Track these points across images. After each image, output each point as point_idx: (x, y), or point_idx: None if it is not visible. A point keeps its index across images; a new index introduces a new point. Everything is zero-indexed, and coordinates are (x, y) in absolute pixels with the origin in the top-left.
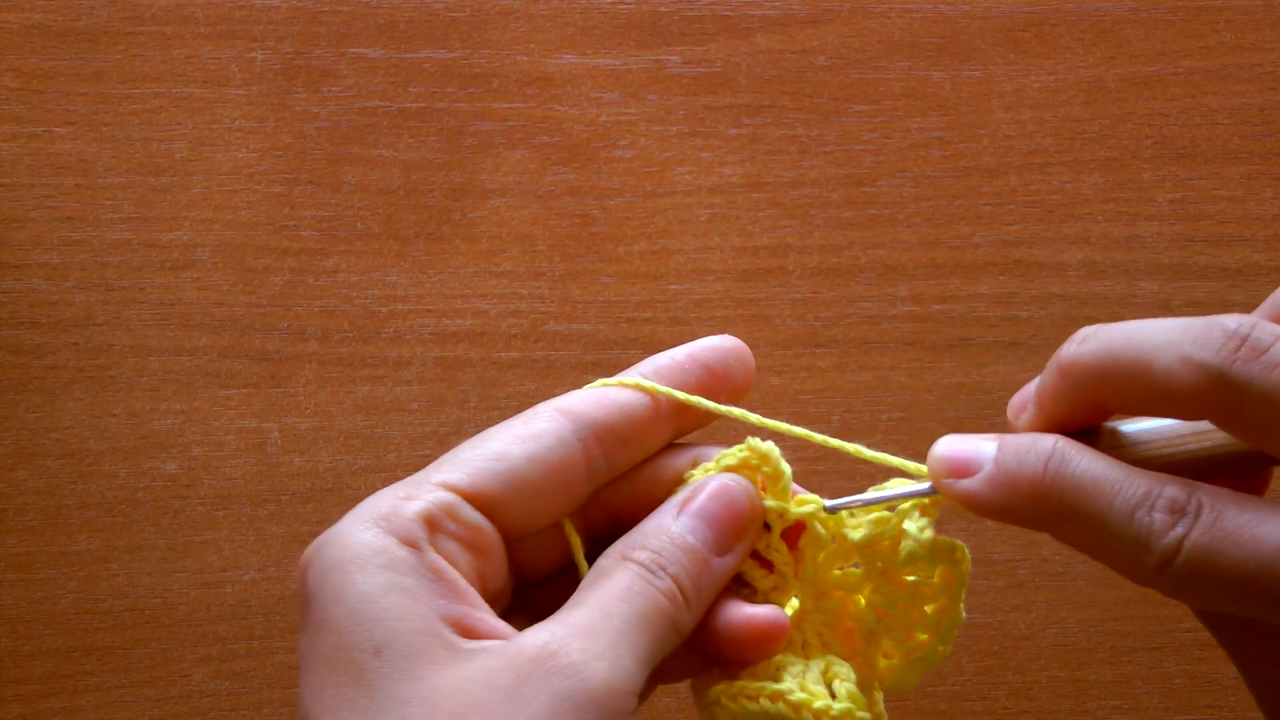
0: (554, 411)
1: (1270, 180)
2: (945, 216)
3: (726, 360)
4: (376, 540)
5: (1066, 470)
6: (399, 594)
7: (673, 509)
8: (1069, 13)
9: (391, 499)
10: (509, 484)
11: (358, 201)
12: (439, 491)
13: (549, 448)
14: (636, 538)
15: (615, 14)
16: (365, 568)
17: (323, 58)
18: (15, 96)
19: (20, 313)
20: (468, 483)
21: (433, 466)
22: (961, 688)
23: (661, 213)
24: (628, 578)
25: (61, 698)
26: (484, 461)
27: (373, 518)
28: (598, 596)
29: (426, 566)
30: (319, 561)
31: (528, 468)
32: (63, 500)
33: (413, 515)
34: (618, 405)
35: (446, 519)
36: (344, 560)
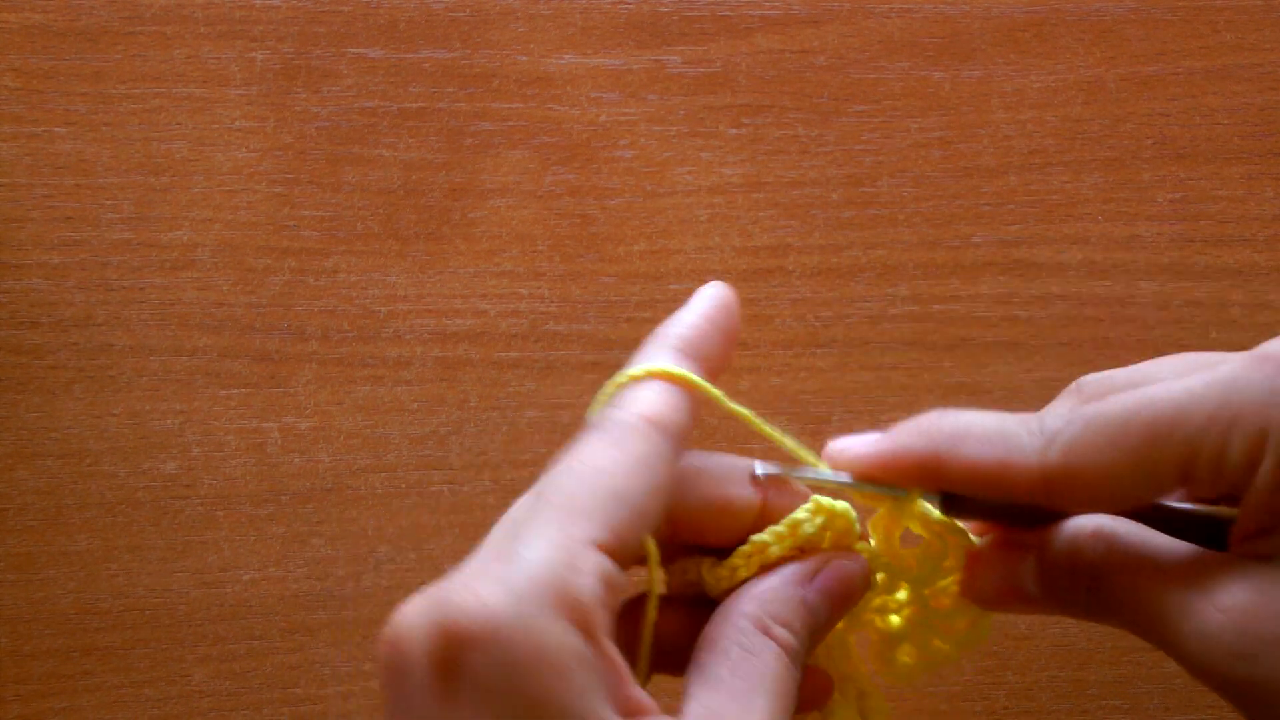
0: (647, 425)
1: (1270, 180)
2: (945, 216)
3: (734, 315)
4: (572, 640)
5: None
6: (589, 699)
7: (803, 580)
8: (1069, 13)
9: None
10: (639, 525)
11: (358, 201)
12: (597, 558)
13: (659, 472)
14: (774, 607)
15: (615, 14)
16: (566, 675)
17: (323, 58)
18: (15, 96)
19: (20, 313)
20: (614, 540)
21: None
22: (961, 688)
23: (661, 213)
24: (779, 670)
25: (61, 698)
26: (614, 506)
27: (554, 602)
28: (763, 700)
29: (604, 661)
30: (500, 655)
31: (647, 502)
32: (63, 500)
33: (592, 599)
34: (688, 405)
35: (609, 593)
36: (541, 662)
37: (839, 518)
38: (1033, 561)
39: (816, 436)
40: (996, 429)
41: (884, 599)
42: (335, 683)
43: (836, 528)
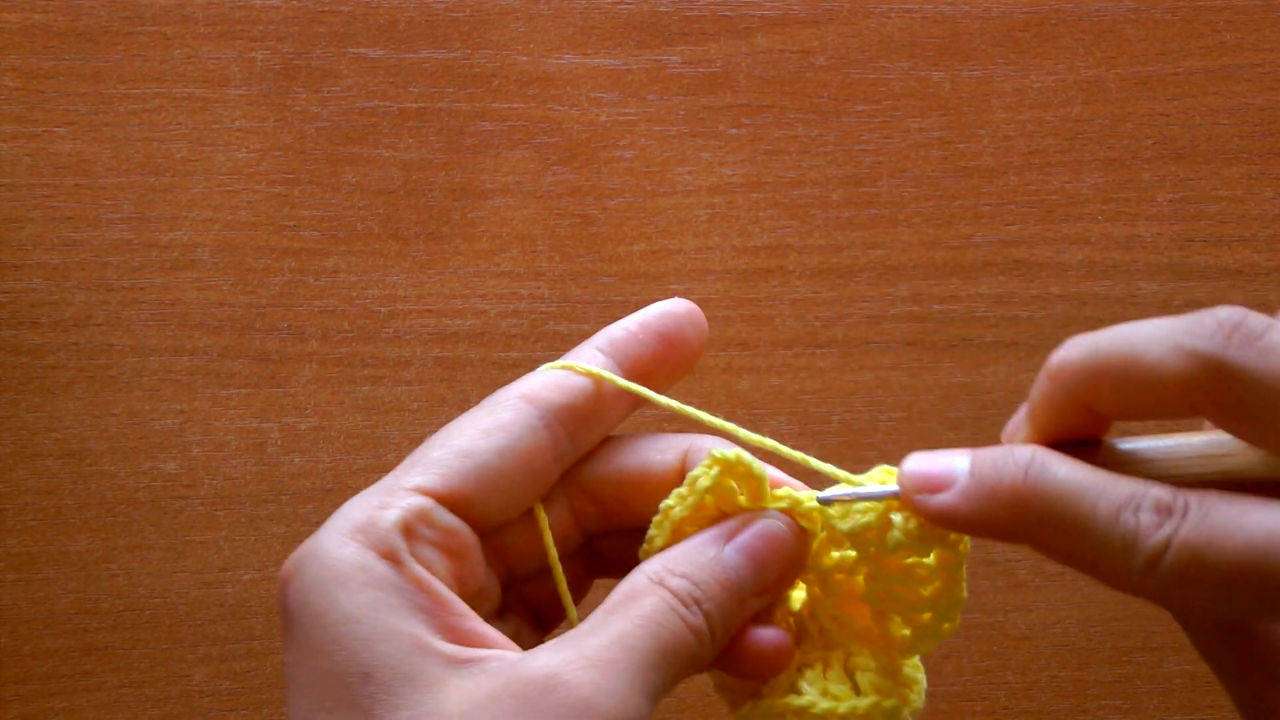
0: (517, 399)
1: (1270, 180)
2: (945, 216)
3: (680, 325)
4: (356, 556)
5: (1047, 476)
6: (385, 612)
7: (718, 540)
8: (1069, 13)
9: (366, 508)
10: (481, 480)
11: (358, 201)
12: (413, 497)
13: (517, 437)
14: (677, 561)
15: (615, 14)
16: (347, 586)
17: (323, 58)
18: (15, 96)
19: (20, 313)
20: (440, 484)
21: (402, 467)
22: (961, 688)
23: (661, 213)
24: (658, 606)
25: (61, 698)
26: (454, 459)
27: (350, 530)
28: (621, 624)
29: (409, 580)
30: (299, 579)
31: (498, 461)
32: (63, 500)
33: (390, 526)
34: (577, 386)
35: (422, 525)
36: (324, 578)
37: (737, 465)
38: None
39: (816, 437)
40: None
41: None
42: None
43: (738, 475)
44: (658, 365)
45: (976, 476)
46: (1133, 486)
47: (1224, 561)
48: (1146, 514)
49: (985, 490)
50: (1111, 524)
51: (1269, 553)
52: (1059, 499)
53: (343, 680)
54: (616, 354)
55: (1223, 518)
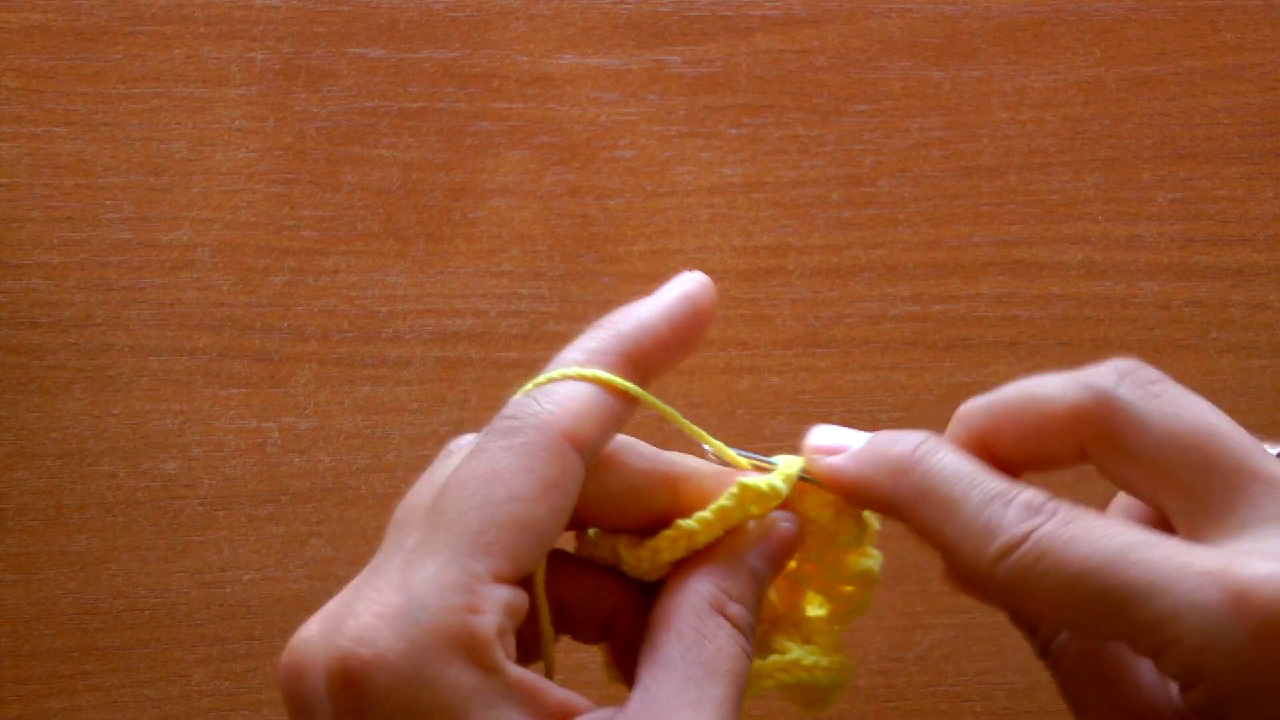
0: (562, 442)
1: (1270, 180)
2: (945, 216)
3: (701, 317)
4: (468, 680)
5: (933, 456)
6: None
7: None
8: (1069, 13)
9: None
10: (540, 548)
11: (358, 201)
12: (498, 592)
13: (569, 494)
14: (728, 583)
15: (615, 14)
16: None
17: (323, 58)
18: (15, 96)
19: (20, 313)
20: (514, 570)
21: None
22: (962, 688)
23: (661, 213)
24: (733, 651)
25: (61, 698)
26: (517, 535)
27: (449, 646)
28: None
29: (510, 687)
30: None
31: (554, 526)
32: (63, 500)
33: (490, 639)
34: (613, 415)
35: (509, 623)
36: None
37: (766, 498)
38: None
39: None
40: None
41: None
42: None
43: (764, 506)
44: (672, 358)
45: (870, 445)
46: (1010, 484)
47: (1069, 563)
48: (1015, 509)
49: (874, 456)
50: (979, 509)
51: (1102, 570)
52: (937, 476)
53: None
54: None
55: (1083, 527)
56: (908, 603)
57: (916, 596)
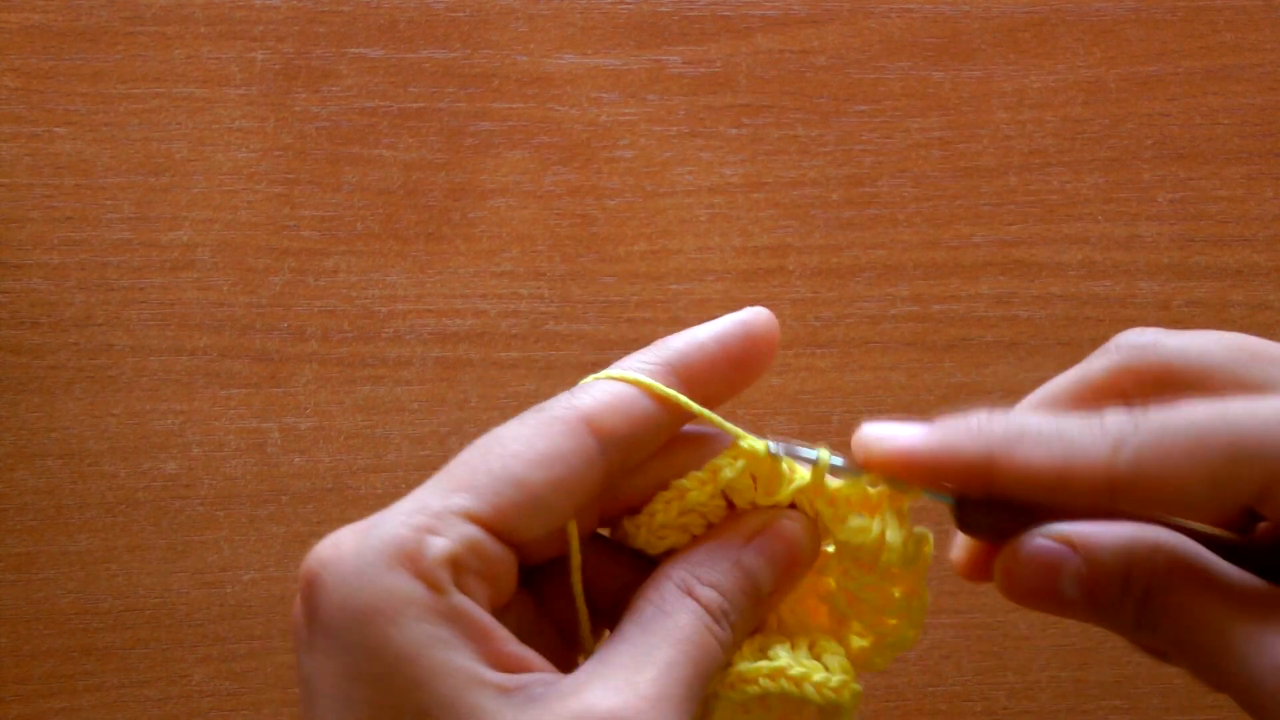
0: (581, 424)
1: (1270, 180)
2: (945, 216)
3: (757, 345)
4: (405, 587)
5: (1007, 415)
6: (437, 648)
7: (739, 542)
8: (1069, 13)
9: (412, 531)
10: (533, 512)
11: (358, 201)
12: (464, 525)
13: (574, 470)
14: (702, 567)
15: (615, 14)
16: (398, 620)
17: (323, 58)
18: (15, 96)
19: (20, 313)
20: (491, 513)
21: (449, 482)
22: (961, 688)
23: (661, 213)
24: (694, 626)
25: (61, 698)
26: (507, 488)
27: (396, 555)
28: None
29: (456, 612)
30: (336, 595)
31: (551, 495)
32: (63, 500)
33: (439, 557)
34: (643, 414)
35: (470, 556)
36: (373, 609)
37: (761, 462)
38: (1079, 564)
39: (816, 437)
40: (1055, 431)
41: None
42: None
43: (761, 473)
44: (725, 388)
45: (937, 425)
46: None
47: (1192, 426)
48: (1111, 416)
49: (947, 429)
50: (1079, 428)
51: (1229, 413)
52: (1021, 421)
53: (401, 716)
54: (686, 373)
55: (1185, 406)
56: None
57: None
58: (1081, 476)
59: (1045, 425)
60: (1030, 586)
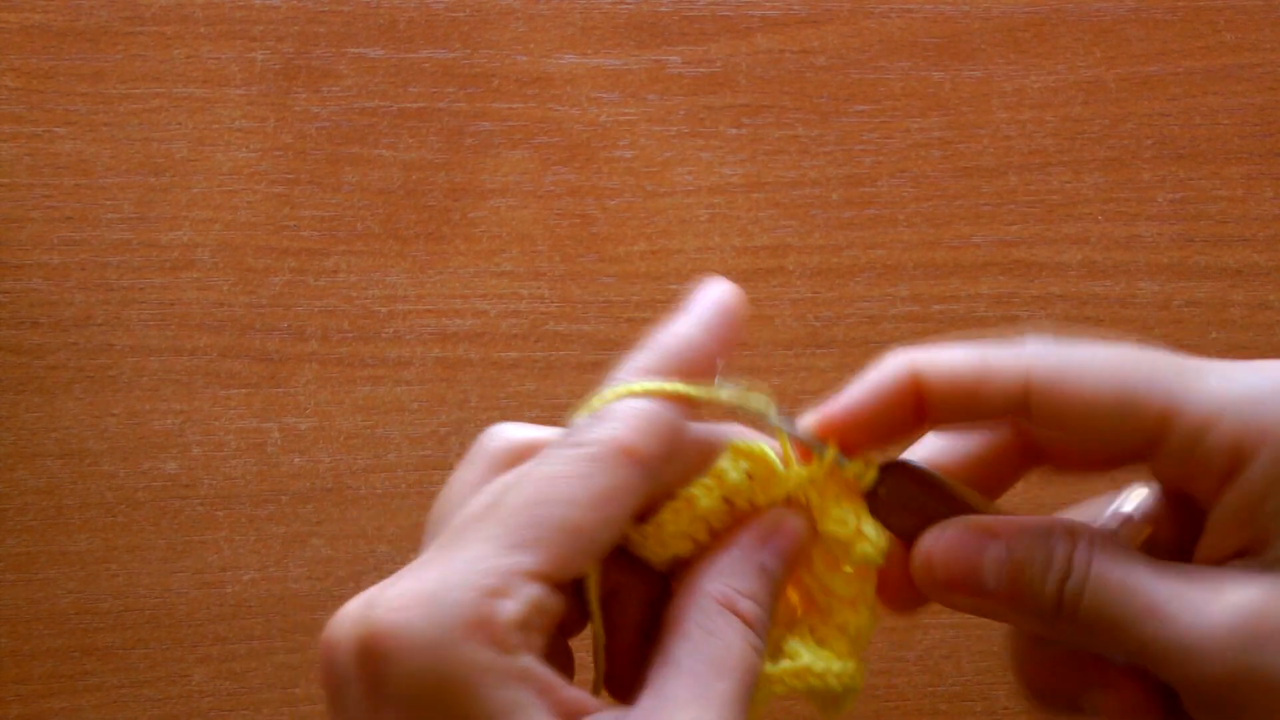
0: (624, 458)
1: (1270, 180)
2: (945, 216)
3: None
4: (482, 657)
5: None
6: (516, 714)
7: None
8: (1069, 13)
9: (479, 596)
10: (586, 554)
11: (358, 201)
12: (530, 587)
13: (624, 508)
14: (736, 579)
15: (615, 14)
16: (478, 691)
17: (323, 58)
18: (15, 96)
19: (20, 313)
20: (554, 569)
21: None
22: (961, 688)
23: (661, 213)
24: (742, 649)
25: (61, 698)
26: (566, 538)
27: (469, 624)
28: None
29: (526, 674)
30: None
31: (602, 536)
32: (63, 500)
33: (510, 625)
34: (670, 427)
35: (536, 617)
36: (452, 680)
37: (759, 461)
38: (1001, 548)
39: None
40: (978, 350)
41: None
42: None
43: (760, 474)
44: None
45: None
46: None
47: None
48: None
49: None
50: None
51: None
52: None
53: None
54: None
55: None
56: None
57: None
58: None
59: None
60: (950, 576)
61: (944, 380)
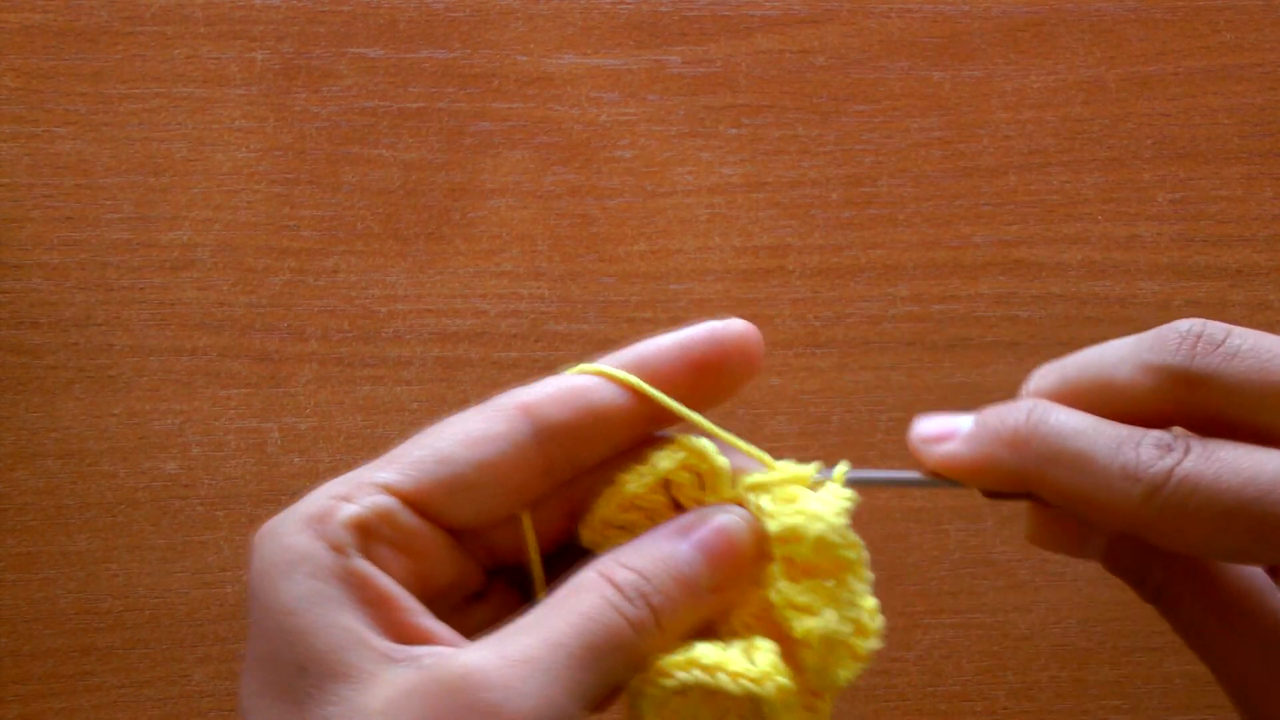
0: (516, 410)
1: (1270, 180)
2: (945, 216)
3: (725, 353)
4: (305, 545)
5: (1049, 417)
6: (323, 605)
7: (674, 534)
8: (1069, 13)
9: (328, 498)
10: (453, 489)
11: (358, 201)
12: (377, 495)
13: (501, 451)
14: (628, 555)
15: (615, 14)
16: (290, 575)
17: (323, 58)
18: (15, 96)
19: (20, 313)
20: (409, 485)
21: (382, 460)
22: (961, 688)
23: (661, 213)
24: (595, 602)
25: (61, 698)
26: (429, 464)
27: (306, 518)
28: (552, 622)
29: (353, 574)
30: (255, 559)
31: (473, 473)
32: (63, 500)
33: (344, 520)
34: (588, 404)
35: (381, 524)
36: (273, 564)
37: (703, 459)
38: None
39: (816, 436)
40: (1088, 456)
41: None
42: None
43: (703, 470)
44: (693, 394)
45: (980, 424)
46: (1131, 428)
47: (1226, 494)
48: (1148, 448)
49: (988, 433)
50: (1112, 455)
51: (1272, 490)
52: (1060, 436)
53: (282, 670)
54: (646, 374)
55: (1227, 455)
56: (907, 603)
57: (916, 596)
58: (1109, 511)
59: (1080, 448)
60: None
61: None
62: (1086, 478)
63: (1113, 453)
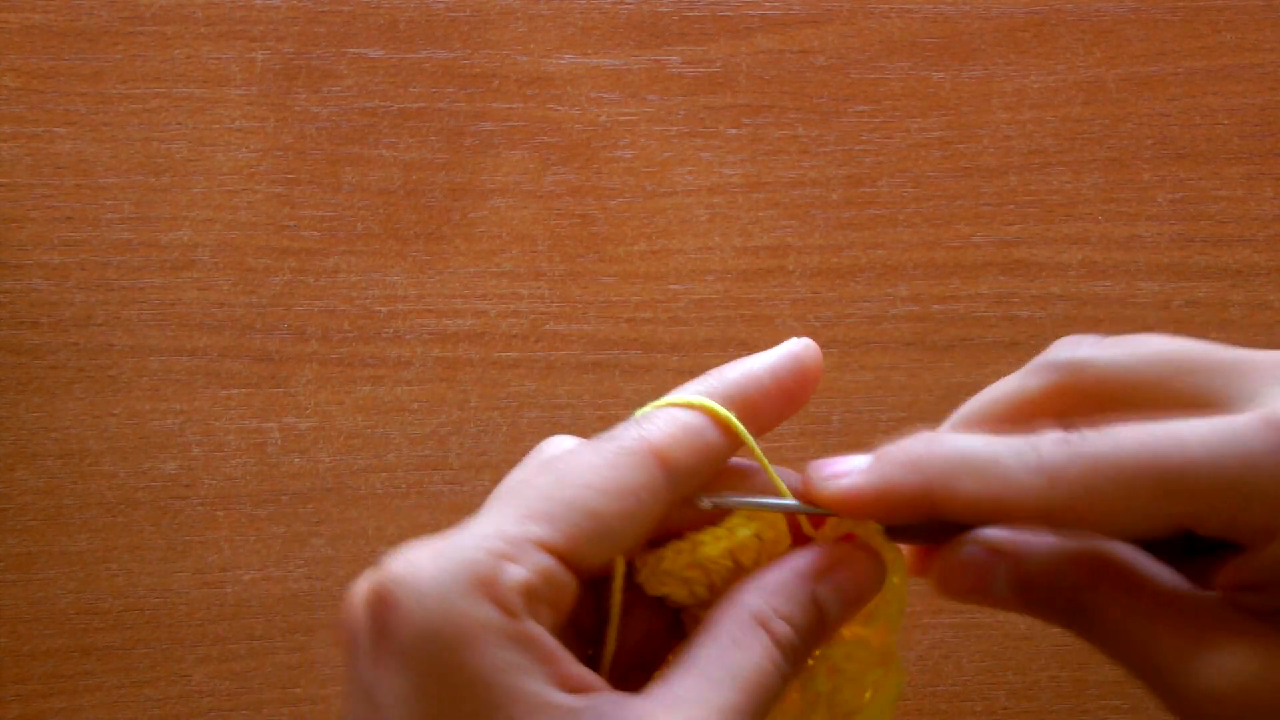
0: (652, 457)
1: (1270, 180)
2: (945, 216)
3: (807, 376)
4: (484, 614)
5: (947, 439)
6: (513, 674)
7: (813, 574)
8: (1069, 13)
9: (490, 557)
10: (599, 543)
11: (358, 201)
12: (539, 555)
13: (642, 503)
14: (778, 599)
15: (615, 14)
16: (475, 646)
17: (323, 58)
18: (15, 96)
19: (20, 313)
20: (565, 545)
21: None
22: (961, 688)
23: (661, 213)
24: (763, 666)
25: (61, 698)
26: (581, 519)
27: (474, 581)
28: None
29: (525, 637)
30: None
31: (618, 525)
32: (63, 500)
33: (514, 586)
34: (705, 446)
35: (543, 585)
36: (452, 633)
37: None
38: (1008, 570)
39: (816, 436)
40: (990, 461)
41: None
42: (335, 683)
43: (770, 537)
44: (773, 419)
45: (879, 455)
46: (1027, 434)
47: (1126, 464)
48: (1048, 443)
49: (888, 461)
50: (1015, 455)
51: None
52: (959, 449)
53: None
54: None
55: (1120, 432)
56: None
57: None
58: (1018, 509)
59: (981, 455)
60: (964, 587)
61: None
62: (992, 480)
63: (1015, 453)
